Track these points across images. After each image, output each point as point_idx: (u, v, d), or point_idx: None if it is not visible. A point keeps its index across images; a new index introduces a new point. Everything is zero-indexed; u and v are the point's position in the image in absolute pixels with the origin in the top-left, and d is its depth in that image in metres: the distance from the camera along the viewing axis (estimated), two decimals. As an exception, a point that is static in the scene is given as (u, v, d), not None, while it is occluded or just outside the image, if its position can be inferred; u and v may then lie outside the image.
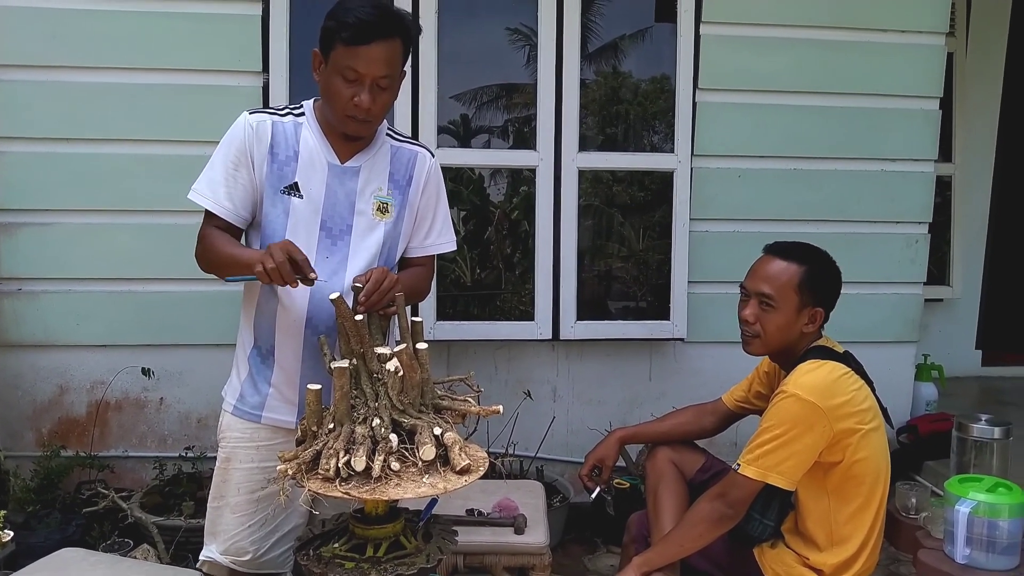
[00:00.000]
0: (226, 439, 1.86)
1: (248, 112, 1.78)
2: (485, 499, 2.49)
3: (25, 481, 2.83)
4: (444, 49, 3.04)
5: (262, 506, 1.84)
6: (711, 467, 2.17)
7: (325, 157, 1.77)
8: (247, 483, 1.83)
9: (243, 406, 1.84)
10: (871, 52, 3.21)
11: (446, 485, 1.46)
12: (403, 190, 1.86)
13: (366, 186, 1.80)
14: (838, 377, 1.83)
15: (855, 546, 1.88)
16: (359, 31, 1.63)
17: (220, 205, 1.75)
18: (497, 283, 3.76)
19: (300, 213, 1.75)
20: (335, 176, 1.77)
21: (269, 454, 1.80)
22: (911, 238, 3.34)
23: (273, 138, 1.75)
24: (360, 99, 1.66)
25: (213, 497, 1.87)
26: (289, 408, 1.82)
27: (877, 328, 3.32)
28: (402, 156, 1.87)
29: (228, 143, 1.76)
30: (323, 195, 1.77)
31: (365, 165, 1.81)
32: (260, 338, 1.82)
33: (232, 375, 1.90)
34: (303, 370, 1.80)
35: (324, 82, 1.71)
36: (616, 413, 3.25)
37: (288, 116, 1.79)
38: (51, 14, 2.84)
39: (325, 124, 1.78)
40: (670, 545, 1.92)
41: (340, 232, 1.78)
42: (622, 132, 3.66)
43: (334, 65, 1.67)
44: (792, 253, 1.93)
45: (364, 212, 1.80)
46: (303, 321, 1.76)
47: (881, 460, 1.89)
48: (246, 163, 1.74)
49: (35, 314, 2.95)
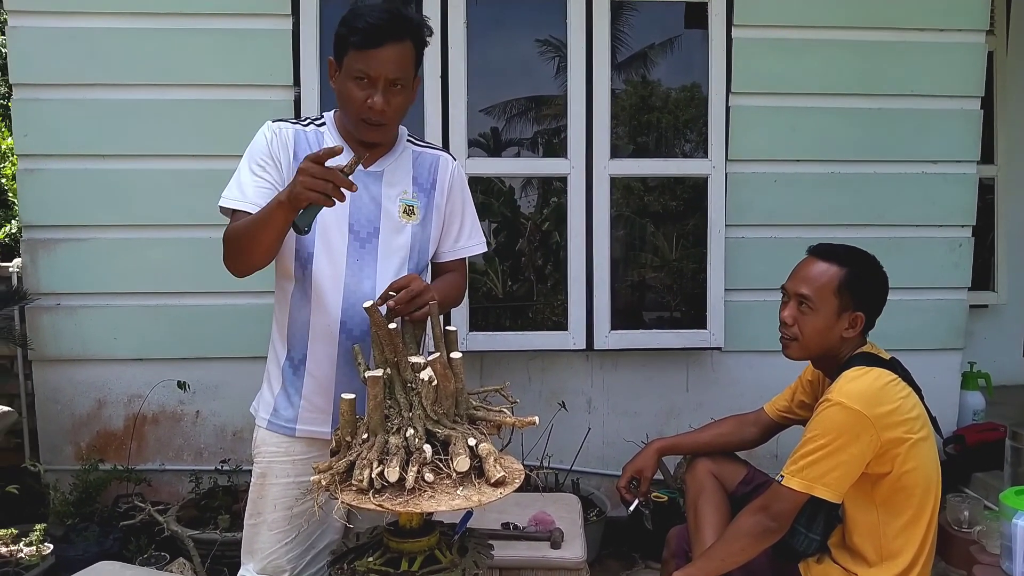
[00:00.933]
0: (261, 454, 1.84)
1: (271, 120, 1.81)
2: (520, 513, 2.46)
3: (64, 495, 2.86)
4: (473, 62, 3.04)
5: (298, 522, 1.80)
6: (753, 479, 2.11)
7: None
8: (283, 499, 1.80)
9: (277, 420, 1.82)
10: (908, 52, 3.14)
11: (480, 497, 1.43)
12: (428, 193, 1.86)
13: (390, 189, 1.80)
14: (885, 384, 1.77)
15: (906, 561, 1.81)
16: (369, 34, 1.66)
17: (249, 202, 1.73)
18: (529, 294, 3.73)
19: (328, 218, 1.73)
20: (359, 181, 1.72)
21: (305, 468, 1.77)
22: (954, 242, 3.25)
23: (297, 144, 1.76)
24: (373, 100, 1.68)
25: (250, 514, 1.85)
26: (323, 419, 1.80)
27: (920, 335, 3.24)
28: (424, 160, 1.88)
29: (252, 149, 1.78)
30: (349, 199, 1.70)
31: (388, 169, 1.81)
32: (293, 348, 1.81)
33: (264, 389, 1.88)
34: (338, 377, 1.78)
35: (340, 88, 1.73)
36: (652, 424, 3.19)
37: (310, 126, 1.81)
38: (84, 34, 2.90)
39: (345, 132, 1.80)
40: (712, 560, 1.86)
41: (368, 235, 1.78)
42: (653, 141, 3.62)
43: (347, 70, 1.69)
44: (834, 255, 1.88)
45: (391, 215, 1.80)
46: (337, 326, 1.75)
47: (931, 471, 1.82)
48: (273, 165, 1.75)
49: (73, 329, 2.99)
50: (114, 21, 2.91)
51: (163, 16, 2.91)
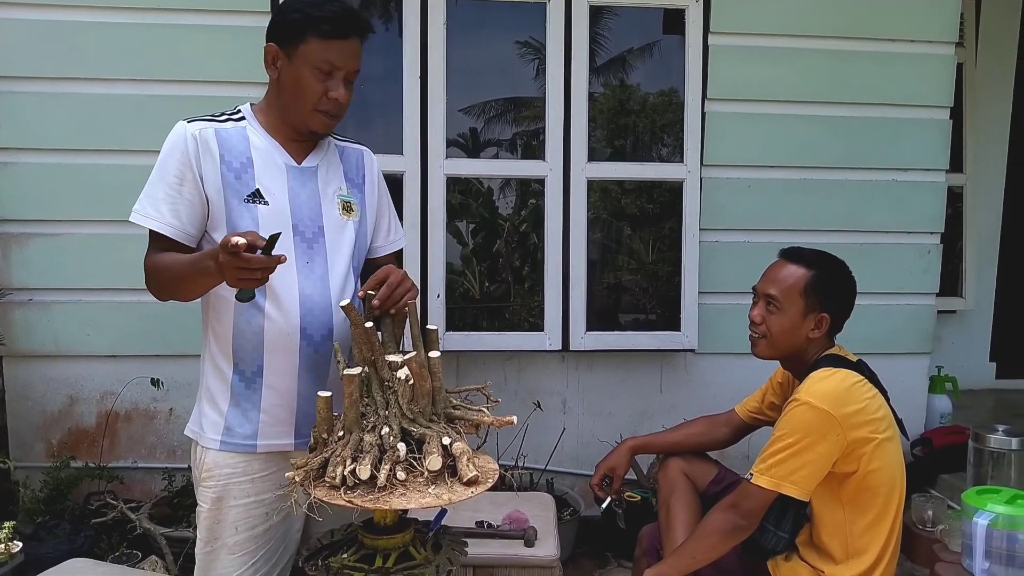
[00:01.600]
0: (214, 477, 1.69)
1: (185, 121, 1.66)
2: (495, 511, 2.48)
3: (34, 492, 2.83)
4: (453, 63, 3.05)
5: (263, 541, 1.72)
6: (724, 478, 2.14)
7: (281, 160, 1.70)
8: (246, 520, 1.69)
9: (232, 439, 1.68)
10: (880, 62, 3.20)
11: (452, 496, 1.44)
12: (360, 188, 1.82)
13: (327, 186, 1.74)
14: (851, 385, 1.81)
15: (871, 558, 1.85)
16: (339, 24, 1.60)
17: (166, 223, 1.62)
18: (506, 295, 3.75)
19: (270, 220, 1.64)
20: (295, 178, 1.70)
21: (266, 485, 1.70)
22: (923, 248, 3.32)
23: (221, 146, 1.64)
24: (336, 93, 1.63)
25: (205, 541, 1.71)
26: (285, 431, 1.70)
27: (890, 339, 3.30)
28: (350, 155, 1.84)
29: (168, 157, 1.63)
30: (288, 199, 1.68)
31: (321, 164, 1.75)
32: (243, 361, 1.68)
33: (205, 408, 1.72)
34: (299, 387, 1.69)
35: (289, 78, 1.63)
36: (627, 425, 3.22)
37: (228, 122, 1.69)
38: (62, 27, 2.88)
39: (271, 126, 1.70)
40: (682, 557, 1.89)
41: (314, 235, 1.70)
42: (631, 144, 3.66)
43: (305, 59, 1.60)
44: (802, 258, 1.93)
45: (331, 213, 1.73)
46: (297, 333, 1.66)
47: (896, 470, 1.87)
48: (192, 177, 1.62)
49: (45, 324, 2.96)
50: (93, 15, 2.88)
51: (143, 11, 2.90)
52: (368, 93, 3.42)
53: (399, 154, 3.02)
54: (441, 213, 3.06)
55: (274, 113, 1.70)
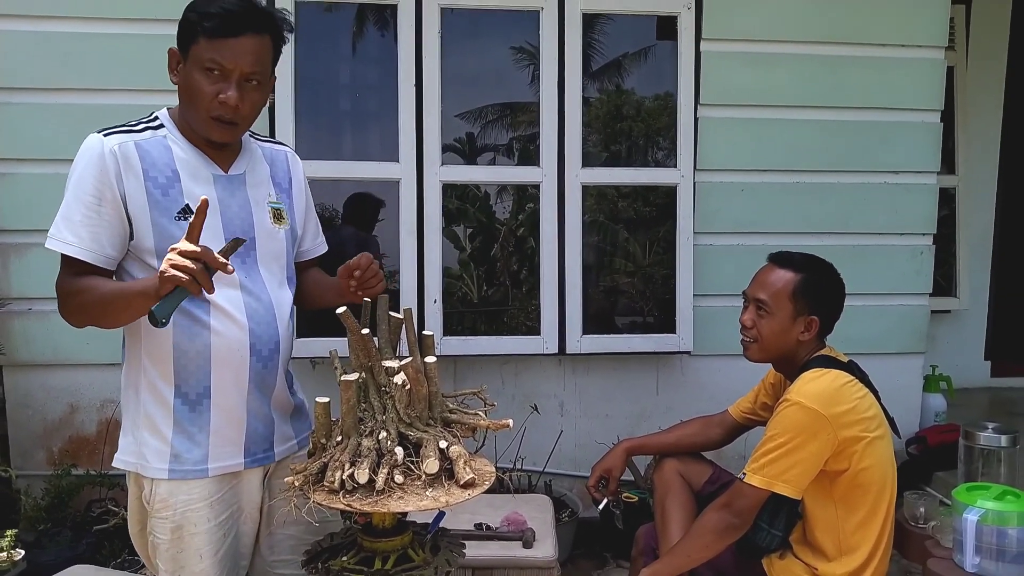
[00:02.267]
0: (170, 507, 1.60)
1: (101, 135, 1.55)
2: (493, 513, 2.50)
3: (36, 500, 2.85)
4: (447, 70, 3.08)
5: (227, 563, 1.67)
6: (718, 478, 2.17)
7: (208, 169, 1.62)
8: (209, 545, 1.63)
9: (182, 466, 1.59)
10: (871, 66, 3.24)
11: (449, 499, 1.46)
12: (288, 192, 1.77)
13: (256, 193, 1.68)
14: (841, 385, 1.84)
15: (864, 555, 1.88)
16: (225, 21, 1.50)
17: (86, 248, 1.51)
18: (504, 300, 3.77)
19: (203, 236, 1.48)
20: (223, 188, 1.63)
21: (223, 506, 1.65)
22: (916, 249, 3.35)
23: (143, 160, 1.54)
24: (227, 96, 1.52)
25: (170, 572, 1.63)
26: (235, 451, 1.65)
27: (884, 339, 3.33)
28: (276, 158, 1.77)
29: (84, 176, 1.52)
30: (218, 211, 1.60)
31: (248, 171, 1.68)
32: (185, 383, 1.59)
33: (144, 437, 1.61)
34: (249, 403, 1.64)
35: (184, 82, 1.55)
36: (624, 427, 3.25)
37: (147, 131, 1.59)
38: (57, 38, 2.90)
39: (190, 133, 1.61)
40: (677, 556, 1.92)
41: (246, 249, 1.62)
42: (625, 149, 3.68)
43: (195, 60, 1.52)
44: (791, 262, 1.96)
45: (263, 221, 1.67)
46: (247, 347, 1.60)
47: (887, 468, 1.89)
48: (111, 196, 1.51)
49: (45, 334, 2.98)
50: (88, 26, 2.91)
51: (136, 21, 2.92)
52: (363, 101, 3.46)
53: (395, 161, 3.05)
54: (437, 220, 3.09)
55: (186, 121, 1.61)
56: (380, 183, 3.22)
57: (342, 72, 3.40)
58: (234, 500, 1.68)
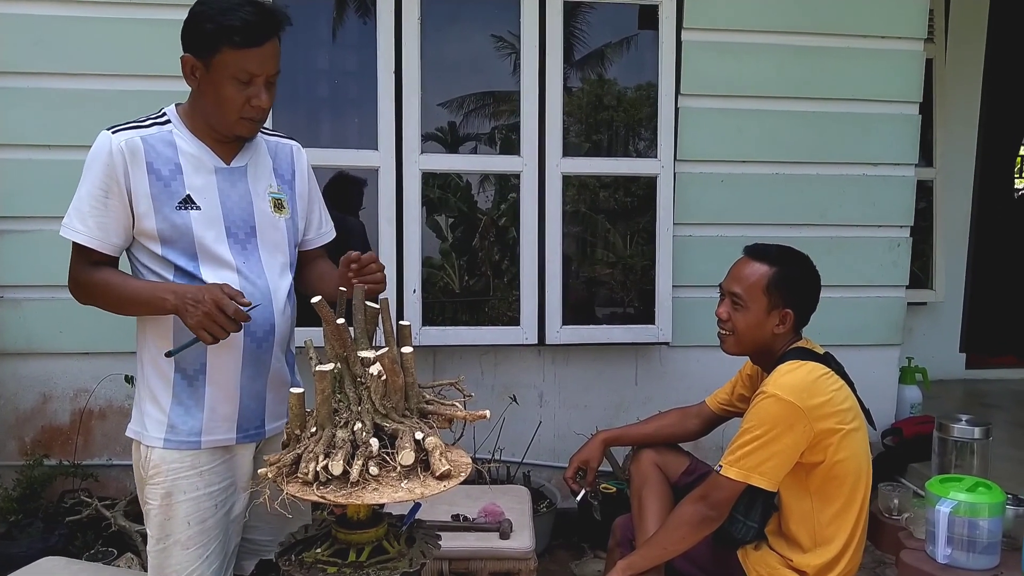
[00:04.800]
0: (161, 473, 1.70)
1: (110, 132, 1.66)
2: (471, 504, 2.50)
3: (7, 491, 2.81)
4: (428, 57, 3.05)
5: (215, 534, 1.74)
6: (695, 470, 2.18)
7: (210, 162, 1.71)
8: (196, 513, 1.71)
9: (177, 436, 1.70)
10: (851, 58, 3.25)
11: (424, 490, 1.45)
12: (290, 183, 1.84)
13: (257, 184, 1.76)
14: (817, 377, 1.85)
15: (838, 547, 1.89)
16: (250, 33, 1.58)
17: (92, 237, 1.65)
18: (484, 289, 3.76)
19: (203, 225, 1.67)
20: (225, 179, 1.71)
21: (213, 477, 1.73)
22: (893, 242, 3.37)
23: (147, 155, 1.65)
24: (259, 100, 1.63)
25: (157, 539, 1.72)
26: (228, 426, 1.74)
27: (860, 331, 3.35)
28: (280, 150, 1.85)
29: (94, 170, 1.65)
30: (219, 201, 1.70)
31: (250, 163, 1.76)
32: (183, 360, 1.70)
33: (146, 407, 1.73)
34: (242, 382, 1.73)
35: (209, 88, 1.64)
36: (602, 417, 3.25)
37: (153, 127, 1.69)
38: (34, 21, 2.84)
39: (197, 129, 1.70)
40: (654, 548, 1.92)
41: (246, 236, 1.73)
42: (607, 139, 3.68)
43: (222, 69, 1.60)
44: (766, 255, 1.96)
45: (264, 211, 1.76)
46: (241, 330, 1.66)
47: (862, 460, 1.90)
48: (117, 191, 1.63)
49: (18, 322, 2.94)
50: (64, 9, 2.85)
51: (116, 5, 2.87)
52: (342, 88, 3.42)
53: (374, 149, 3.02)
54: (416, 209, 3.06)
55: (199, 118, 1.70)
56: (359, 171, 3.20)
57: (321, 58, 3.36)
58: (228, 474, 1.76)
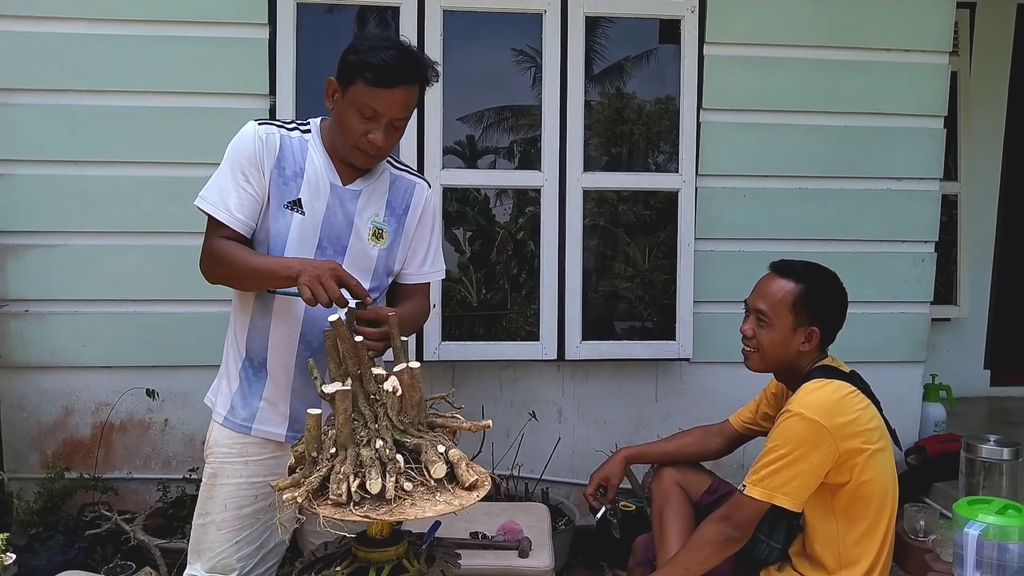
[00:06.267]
0: (214, 454, 1.84)
1: (257, 123, 1.78)
2: (489, 522, 2.48)
3: (28, 503, 2.83)
4: (450, 71, 3.06)
5: (249, 522, 1.83)
6: (718, 489, 2.15)
7: (328, 178, 1.79)
8: (234, 499, 1.82)
9: (234, 418, 1.83)
10: (874, 71, 3.22)
11: (461, 502, 1.45)
12: (399, 218, 1.88)
13: (364, 210, 1.82)
14: (843, 396, 1.82)
15: (863, 569, 1.86)
16: (384, 74, 1.64)
17: (231, 215, 1.74)
18: (503, 304, 3.75)
19: (301, 229, 1.76)
20: (336, 197, 1.79)
21: (257, 469, 1.82)
22: (917, 257, 3.33)
23: (281, 151, 1.76)
24: (374, 136, 1.69)
25: (199, 514, 1.85)
26: (280, 420, 1.83)
27: (884, 348, 3.30)
28: (401, 185, 1.89)
29: (237, 152, 1.75)
30: (323, 214, 1.78)
31: (365, 190, 1.83)
32: (252, 351, 1.82)
33: (221, 384, 1.88)
34: (294, 384, 1.81)
35: (339, 112, 1.73)
36: (622, 434, 3.22)
37: (296, 131, 1.80)
38: (57, 39, 2.88)
39: (331, 146, 1.79)
40: (675, 568, 1.90)
41: (335, 252, 1.79)
42: (627, 152, 3.66)
43: (352, 100, 1.68)
44: (792, 272, 1.93)
45: (360, 235, 1.82)
46: (297, 337, 1.79)
47: (888, 481, 1.87)
48: (256, 174, 1.74)
49: (41, 336, 2.96)
50: (89, 27, 2.89)
51: (139, 23, 2.90)
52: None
53: (394, 164, 3.03)
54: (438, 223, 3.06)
55: (330, 137, 1.80)
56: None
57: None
58: (274, 469, 1.83)
